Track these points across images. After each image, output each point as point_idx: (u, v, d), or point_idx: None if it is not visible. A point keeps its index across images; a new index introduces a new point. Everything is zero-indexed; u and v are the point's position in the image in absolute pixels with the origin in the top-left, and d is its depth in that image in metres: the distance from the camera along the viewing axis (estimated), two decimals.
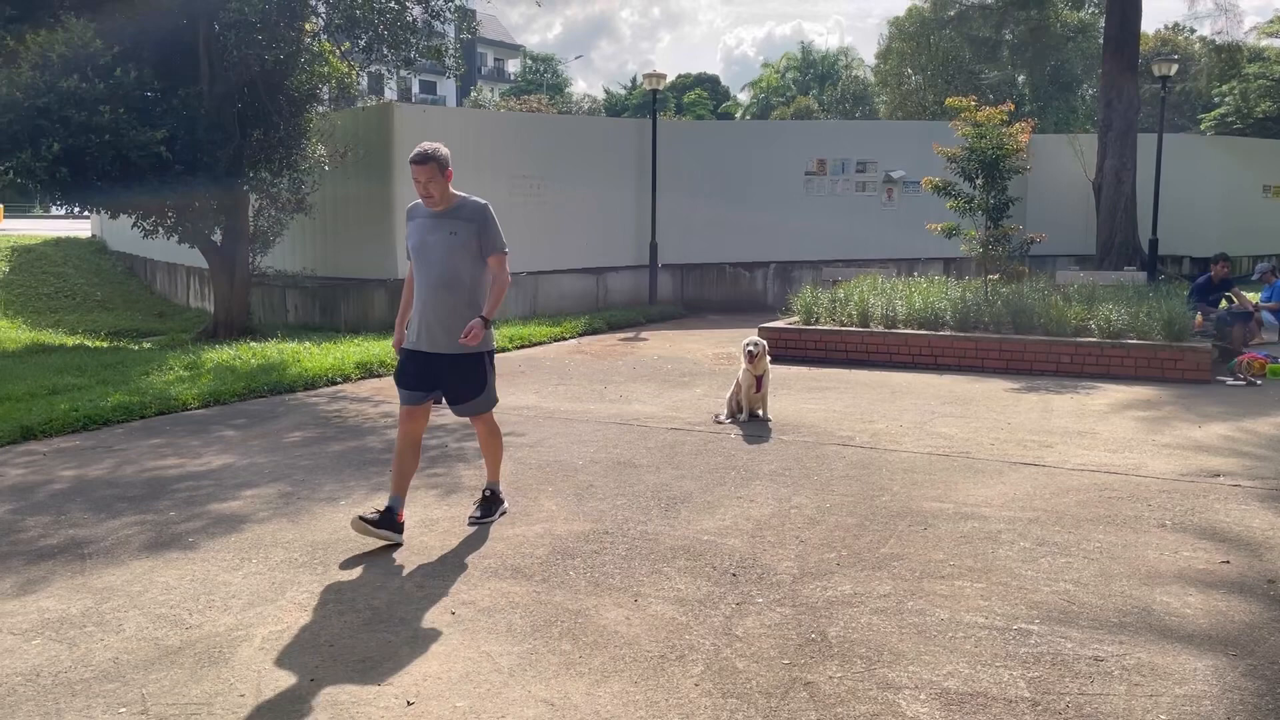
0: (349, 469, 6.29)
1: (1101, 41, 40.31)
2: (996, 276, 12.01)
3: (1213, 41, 22.17)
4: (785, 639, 3.73)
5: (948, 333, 10.65)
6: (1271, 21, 39.24)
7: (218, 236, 13.11)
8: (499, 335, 12.15)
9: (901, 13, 51.32)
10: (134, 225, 13.02)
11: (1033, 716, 3.15)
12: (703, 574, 4.41)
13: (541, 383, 9.61)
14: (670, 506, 5.43)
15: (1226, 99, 43.45)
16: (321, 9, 12.57)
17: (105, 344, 13.43)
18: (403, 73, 13.89)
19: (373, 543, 4.80)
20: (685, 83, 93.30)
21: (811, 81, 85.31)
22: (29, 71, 10.71)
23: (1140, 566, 4.48)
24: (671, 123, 23.26)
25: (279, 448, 6.88)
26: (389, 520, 4.76)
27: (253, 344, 10.95)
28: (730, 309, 17.11)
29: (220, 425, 7.63)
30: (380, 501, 5.14)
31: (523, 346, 12.20)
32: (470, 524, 5.07)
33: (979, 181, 11.92)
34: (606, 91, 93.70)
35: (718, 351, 11.82)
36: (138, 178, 11.27)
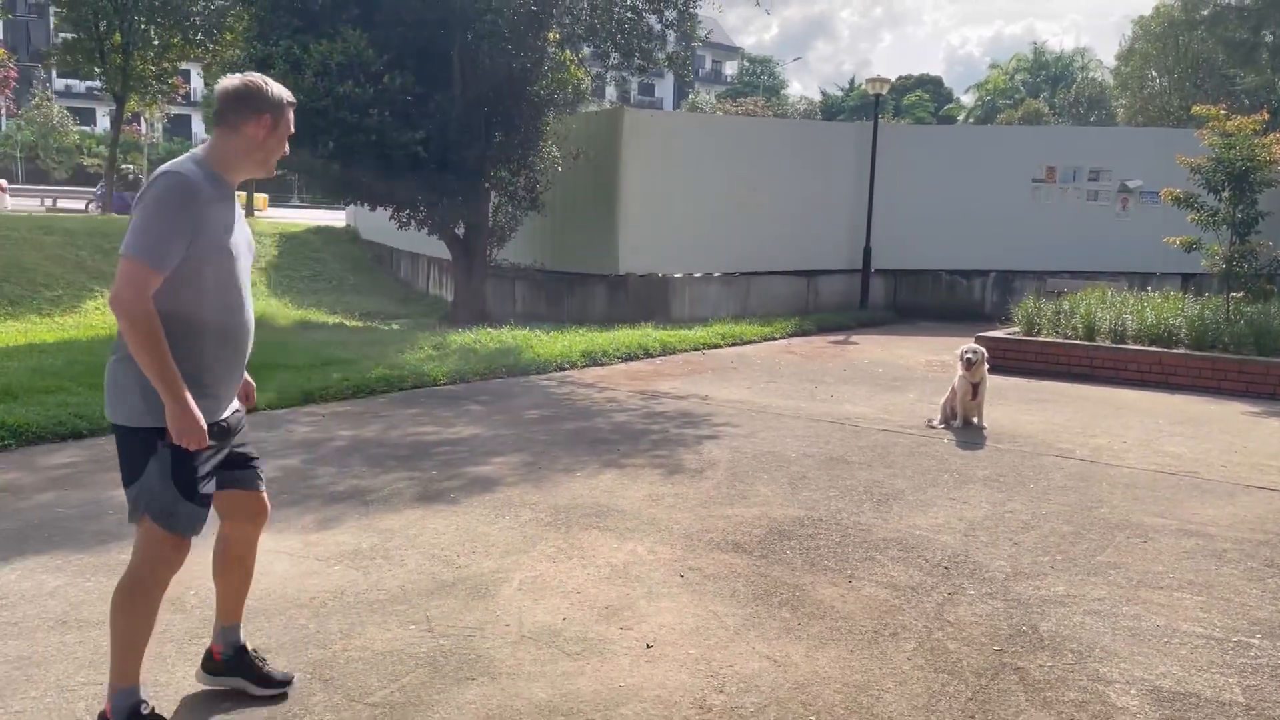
0: (581, 445, 6.86)
1: None
2: (1240, 294, 11.37)
3: None
4: (996, 628, 3.92)
5: (1181, 351, 10.21)
6: None
7: (460, 229, 14.22)
8: (709, 334, 12.59)
9: (1147, 12, 48.32)
10: (390, 218, 14.33)
11: (1244, 715, 3.23)
12: (915, 564, 4.64)
13: (753, 379, 9.96)
14: (882, 501, 5.66)
15: None
16: (567, 19, 13.40)
17: (360, 324, 14.85)
18: (631, 77, 14.56)
19: (608, 515, 5.30)
20: (906, 84, 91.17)
21: (1043, 84, 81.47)
22: (311, 78, 12.05)
23: None
24: (892, 126, 23.03)
25: (519, 423, 7.56)
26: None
27: (489, 330, 11.86)
28: (944, 317, 16.87)
29: (467, 400, 8.43)
30: (580, 488, 5.63)
31: (734, 344, 12.58)
32: None
33: (1225, 194, 11.31)
34: (823, 93, 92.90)
35: (930, 359, 11.79)
36: (397, 174, 12.45)
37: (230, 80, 2.92)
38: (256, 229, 25.74)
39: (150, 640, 2.96)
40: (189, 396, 2.74)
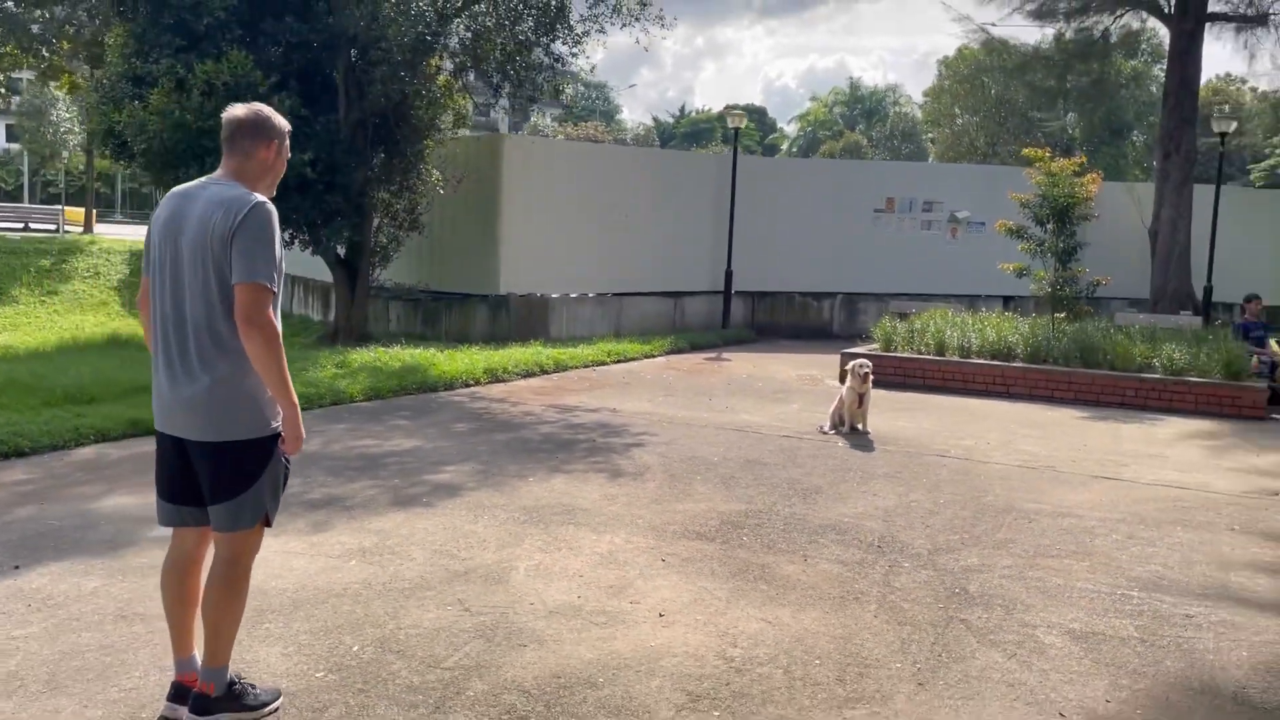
0: (521, 454, 7.35)
1: (1153, 89, 40.89)
2: (1063, 315, 12.94)
3: (1271, 97, 22.94)
4: (935, 591, 4.73)
5: (1019, 364, 11.58)
6: None
7: (343, 250, 14.32)
8: (596, 351, 13.25)
9: (951, 53, 52.43)
10: None
11: (1141, 647, 4.12)
12: (852, 545, 5.41)
13: (650, 393, 10.65)
14: (807, 495, 6.45)
15: (1278, 150, 44.08)
16: (455, 47, 13.78)
17: None
18: (519, 106, 15.06)
19: (576, 513, 5.85)
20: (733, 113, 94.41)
21: (859, 116, 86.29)
22: (198, 97, 11.98)
23: (1215, 556, 5.43)
24: (750, 158, 24.33)
25: (451, 435, 7.97)
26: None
27: (385, 349, 12.08)
28: (798, 335, 18.11)
29: (389, 415, 8.74)
30: (509, 499, 6.17)
31: (620, 361, 13.26)
32: None
33: (1050, 226, 12.88)
34: (655, 119, 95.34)
35: (800, 373, 12.81)
36: (286, 194, 12.48)
37: (238, 110, 3.28)
38: (101, 246, 24.57)
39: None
40: None
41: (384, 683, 3.55)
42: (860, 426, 8.77)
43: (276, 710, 3.30)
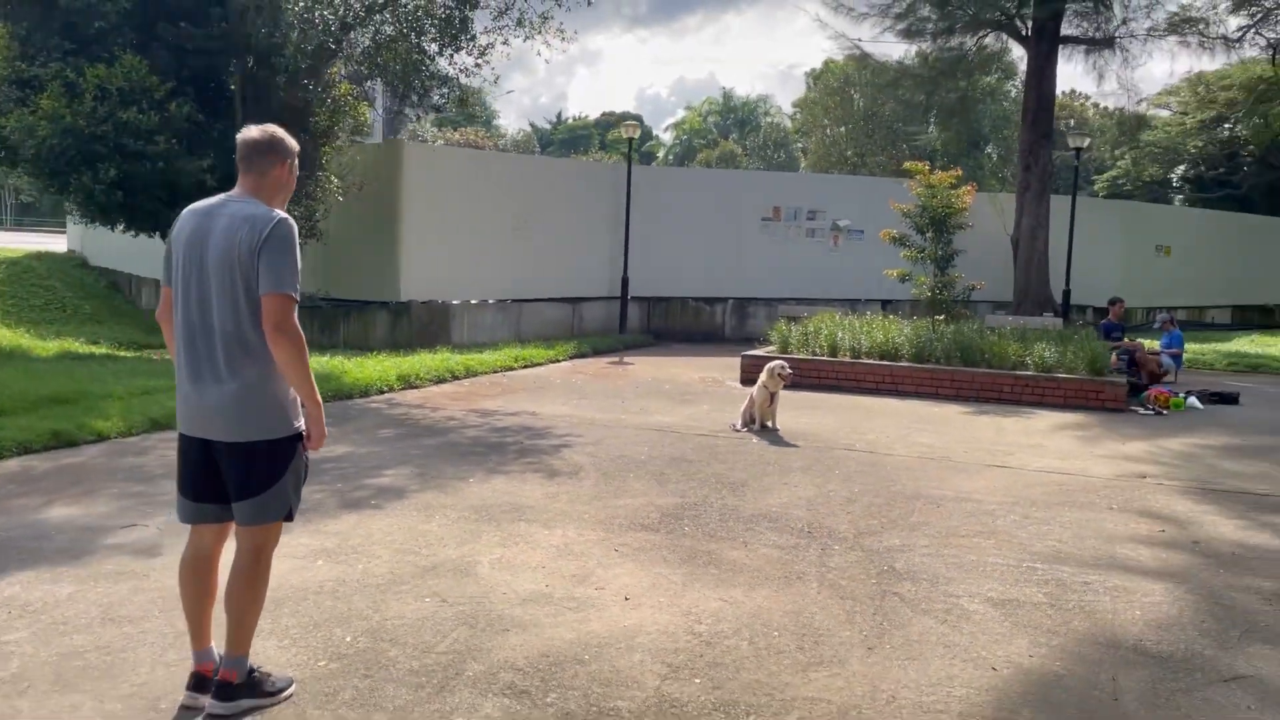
0: (455, 457, 7.55)
1: (1005, 104, 43.34)
2: (942, 317, 13.83)
3: (1116, 114, 24.81)
4: (866, 569, 5.20)
5: (905, 364, 12.35)
6: (1160, 93, 42.92)
7: None
8: (502, 357, 13.46)
9: (818, 65, 54.47)
10: None
11: (1051, 610, 4.68)
12: (785, 531, 5.86)
13: (564, 397, 10.95)
14: (734, 488, 6.88)
15: (1119, 163, 47.36)
16: (356, 55, 13.75)
17: (132, 354, 14.21)
18: (423, 114, 15.10)
19: (523, 511, 6.12)
20: (610, 120, 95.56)
21: (732, 126, 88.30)
22: (90, 102, 11.68)
23: (1102, 532, 6.09)
24: (644, 167, 24.79)
25: (380, 441, 8.10)
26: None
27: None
28: (692, 339, 18.68)
29: None
30: (478, 490, 6.43)
31: (526, 366, 13.50)
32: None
33: (929, 235, 13.77)
34: (532, 126, 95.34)
35: (702, 375, 13.31)
36: (184, 201, 12.26)
37: (253, 132, 3.50)
38: None
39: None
40: None
41: (385, 668, 3.78)
42: (770, 424, 9.28)
43: (291, 696, 3.49)
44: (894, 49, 42.52)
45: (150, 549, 5.09)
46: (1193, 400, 11.83)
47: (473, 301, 16.43)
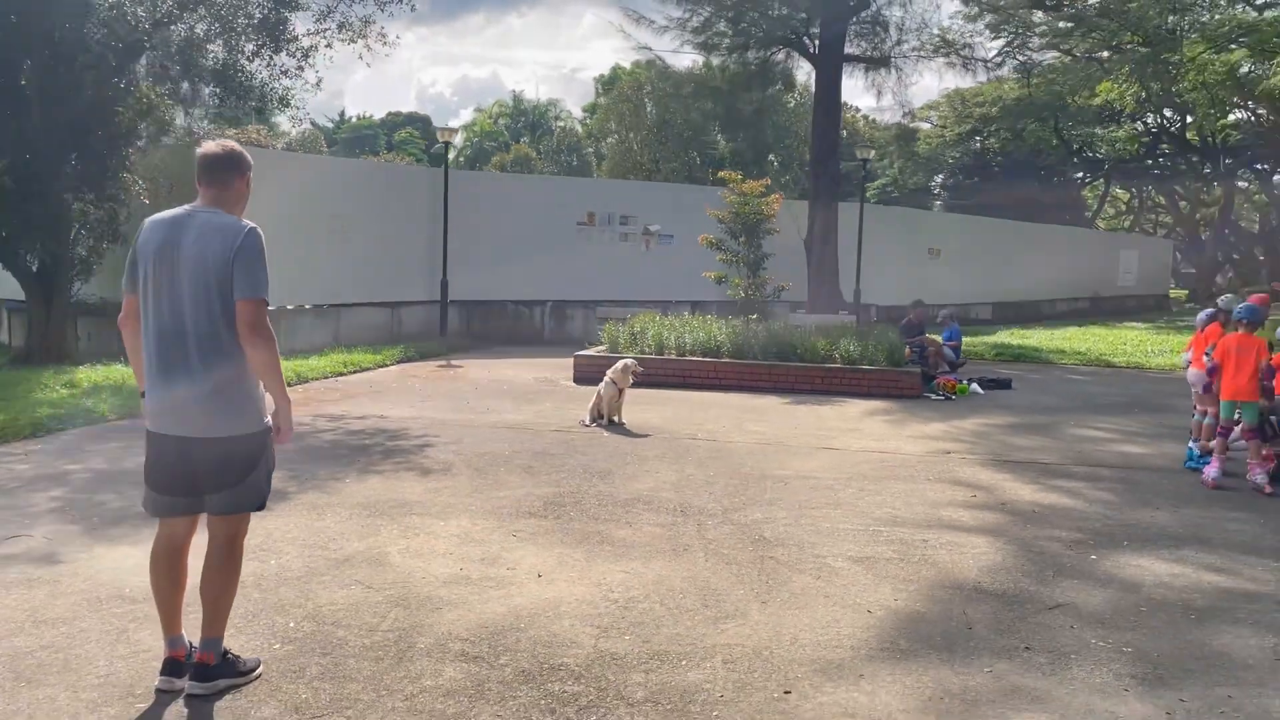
0: (324, 461, 7.64)
1: (785, 117, 45.93)
2: (755, 316, 14.85)
3: (894, 127, 27.11)
4: (741, 539, 5.82)
5: (727, 360, 13.22)
6: (923, 107, 46.80)
7: (35, 264, 13.26)
8: (331, 362, 13.36)
9: (605, 71, 55.80)
10: None
11: (902, 564, 5.44)
12: (661, 511, 6.40)
13: (407, 400, 11.07)
14: (603, 476, 7.36)
15: (887, 171, 51.30)
16: (168, 50, 13.19)
17: None
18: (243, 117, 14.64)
19: (412, 506, 6.36)
20: (396, 121, 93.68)
21: (523, 129, 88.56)
22: None
23: (928, 499, 6.99)
24: (462, 172, 24.81)
25: None
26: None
27: (101, 367, 11.47)
28: (513, 342, 18.99)
29: None
30: (360, 488, 6.65)
31: (356, 371, 13.44)
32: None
33: (743, 239, 14.75)
34: (313, 124, 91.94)
35: (535, 376, 13.71)
36: None
37: (213, 147, 3.71)
38: None
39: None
40: None
41: (339, 646, 4.02)
42: (617, 419, 9.82)
43: (261, 674, 3.70)
44: (685, 59, 44.27)
45: (49, 556, 5.03)
46: (975, 386, 13.32)
47: (289, 306, 16.09)
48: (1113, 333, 24.93)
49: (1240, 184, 50.00)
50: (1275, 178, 47.57)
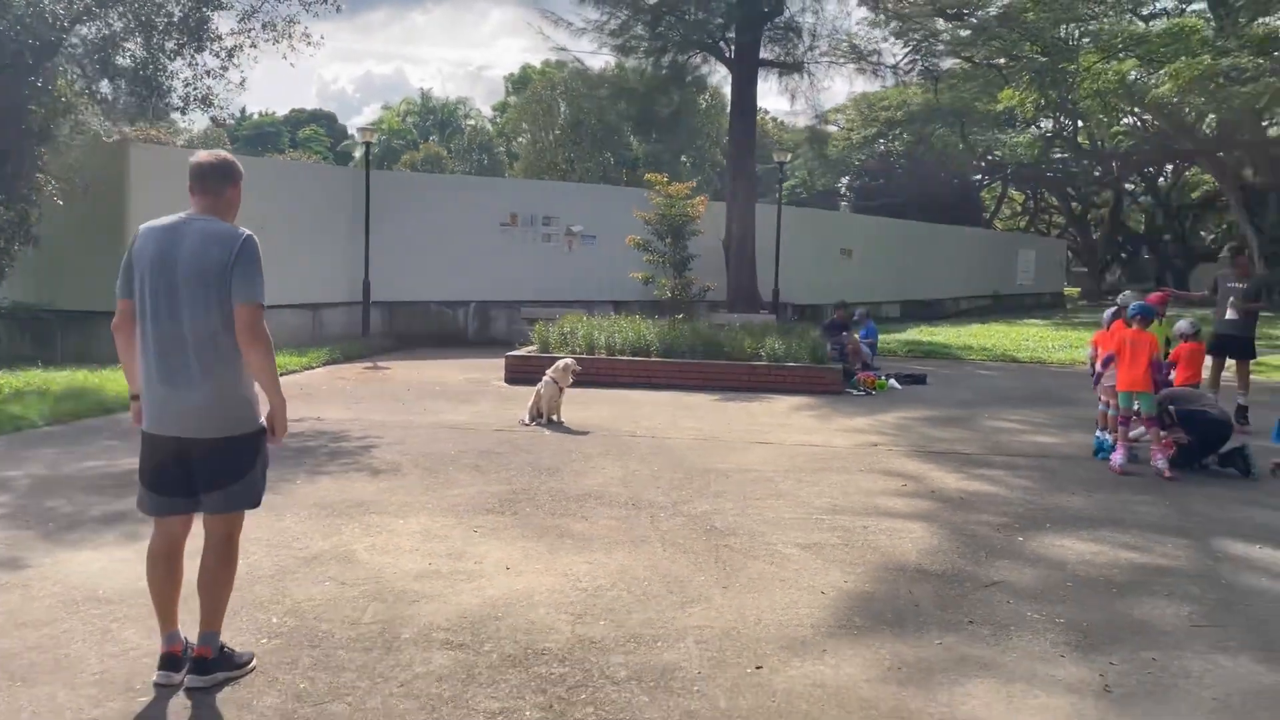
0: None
1: (696, 119, 46.53)
2: (681, 315, 15.18)
3: (807, 130, 27.80)
4: (694, 529, 6.08)
5: (657, 359, 13.50)
6: (830, 110, 47.97)
7: None
8: None
9: (514, 70, 55.71)
10: None
11: (847, 549, 5.77)
12: (613, 505, 6.63)
13: (342, 402, 11.06)
14: (552, 473, 7.55)
15: (796, 173, 52.45)
16: (85, 48, 12.85)
17: None
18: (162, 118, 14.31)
19: (369, 505, 6.45)
20: (300, 118, 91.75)
21: (432, 127, 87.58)
22: None
23: (862, 489, 7.36)
24: (384, 173, 24.43)
25: None
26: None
27: (40, 370, 11.18)
28: (436, 343, 18.96)
29: (91, 439, 8.43)
30: (318, 488, 6.73)
31: (282, 374, 13.29)
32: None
33: (669, 241, 15.06)
34: (213, 120, 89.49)
35: (466, 377, 13.78)
36: None
37: (206, 157, 3.86)
38: None
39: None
40: None
41: (326, 639, 4.15)
42: (556, 418, 10.00)
43: (254, 668, 3.81)
44: (600, 60, 44.50)
45: (12, 561, 5.02)
46: (893, 382, 13.87)
47: None
48: (1014, 329, 26.05)
49: (1127, 186, 52.55)
50: (1159, 181, 50.16)
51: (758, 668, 4.02)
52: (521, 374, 13.23)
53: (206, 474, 3.63)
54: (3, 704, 3.47)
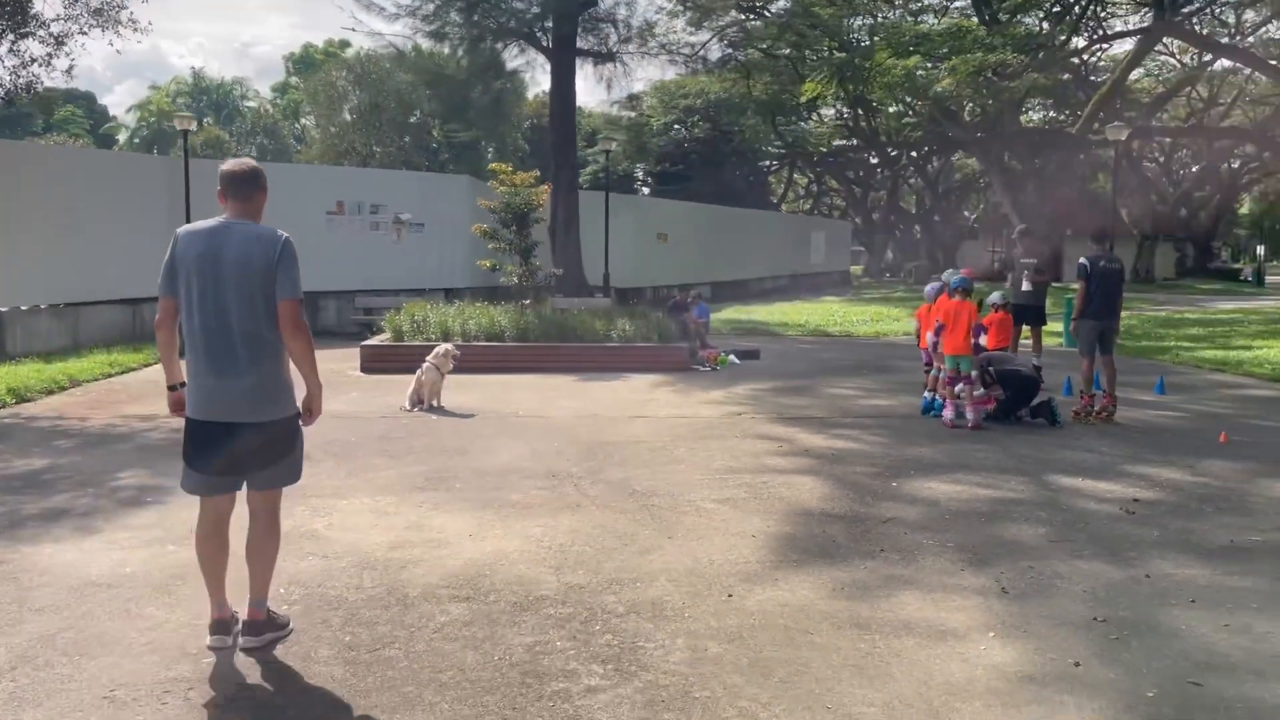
0: (169, 457, 7.58)
1: (503, 106, 46.75)
2: (529, 302, 15.65)
3: (624, 119, 28.72)
4: (618, 493, 6.71)
5: (514, 344, 13.95)
6: (629, 97, 49.24)
7: None
8: (101, 363, 12.73)
9: (295, 49, 53.80)
10: None
11: (758, 501, 6.57)
12: (536, 478, 7.15)
13: None
14: (461, 454, 7.97)
15: (598, 158, 53.56)
16: None
17: None
18: None
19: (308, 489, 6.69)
20: (52, 97, 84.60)
21: (206, 109, 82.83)
22: None
23: (747, 451, 8.21)
24: (203, 161, 23.30)
25: (66, 451, 7.84)
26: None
27: None
28: None
29: None
30: None
31: (124, 372, 12.86)
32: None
33: (514, 229, 15.48)
34: None
35: (327, 368, 13.67)
36: None
37: (235, 165, 4.15)
38: None
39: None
40: None
41: (342, 602, 4.52)
42: (437, 403, 10.33)
43: (293, 630, 4.16)
44: (406, 45, 43.65)
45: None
46: (733, 358, 14.92)
47: (23, 307, 14.93)
48: (817, 306, 28.03)
49: (903, 171, 56.88)
50: (927, 166, 54.59)
51: (729, 596, 4.72)
52: (377, 363, 13.39)
53: (254, 455, 3.94)
54: (78, 671, 3.69)
